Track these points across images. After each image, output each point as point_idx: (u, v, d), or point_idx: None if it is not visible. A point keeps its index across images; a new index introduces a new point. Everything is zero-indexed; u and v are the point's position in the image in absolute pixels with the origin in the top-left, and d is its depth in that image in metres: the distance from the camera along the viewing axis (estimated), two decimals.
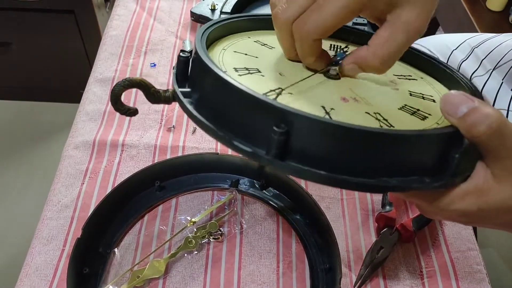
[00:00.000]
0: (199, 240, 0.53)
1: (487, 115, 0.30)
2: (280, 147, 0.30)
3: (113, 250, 0.51)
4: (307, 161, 0.31)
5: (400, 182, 0.31)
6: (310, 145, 0.30)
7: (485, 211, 0.32)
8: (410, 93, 0.39)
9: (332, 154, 0.30)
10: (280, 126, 0.29)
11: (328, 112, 0.34)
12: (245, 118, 0.32)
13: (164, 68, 0.74)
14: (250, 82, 0.36)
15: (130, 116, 0.37)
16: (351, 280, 0.51)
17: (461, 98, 0.31)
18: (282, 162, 0.31)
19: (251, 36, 0.44)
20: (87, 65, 1.44)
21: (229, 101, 0.33)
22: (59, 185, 0.57)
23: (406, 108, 0.36)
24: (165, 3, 0.86)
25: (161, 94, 0.36)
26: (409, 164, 0.32)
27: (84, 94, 0.70)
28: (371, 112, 0.35)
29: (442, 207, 0.33)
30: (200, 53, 0.36)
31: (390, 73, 0.42)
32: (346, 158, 0.30)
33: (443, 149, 0.32)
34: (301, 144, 0.30)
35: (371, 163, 0.31)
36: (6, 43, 1.42)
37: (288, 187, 0.57)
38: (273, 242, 0.54)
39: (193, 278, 0.50)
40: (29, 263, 0.50)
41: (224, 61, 0.39)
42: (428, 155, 0.32)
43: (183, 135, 0.64)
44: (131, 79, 0.35)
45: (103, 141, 0.62)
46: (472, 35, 0.84)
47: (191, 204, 0.57)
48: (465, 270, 0.53)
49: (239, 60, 0.40)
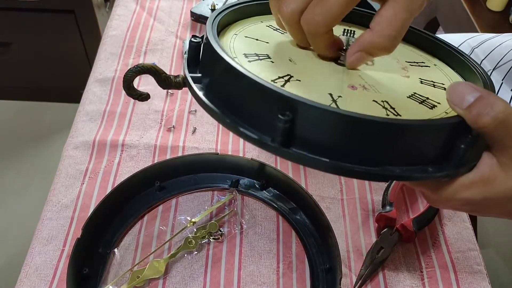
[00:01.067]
0: (199, 240, 0.53)
1: (493, 105, 0.30)
2: (285, 135, 0.30)
3: (113, 250, 0.51)
4: (312, 149, 0.31)
5: (404, 171, 0.31)
6: (314, 133, 0.30)
7: (491, 200, 0.32)
8: (421, 80, 0.39)
9: (337, 142, 0.30)
10: (285, 114, 0.29)
11: (335, 100, 0.33)
12: (252, 105, 0.32)
13: (164, 68, 0.74)
14: (259, 69, 0.36)
15: (142, 101, 0.38)
16: (351, 281, 0.51)
17: (467, 88, 0.31)
18: (287, 149, 0.31)
19: (264, 21, 0.44)
20: (87, 65, 1.44)
21: (236, 88, 0.33)
22: (59, 185, 0.57)
23: (415, 97, 0.36)
24: (165, 3, 0.86)
25: (172, 79, 0.37)
26: (414, 153, 0.31)
27: (84, 94, 0.70)
28: (379, 100, 0.34)
29: (446, 196, 0.33)
30: (210, 39, 0.36)
31: (402, 59, 0.42)
32: (350, 146, 0.30)
33: (448, 139, 0.31)
34: (306, 132, 0.30)
35: (375, 152, 0.30)
36: (6, 43, 1.42)
37: (288, 188, 0.57)
38: (273, 243, 0.54)
39: (193, 278, 0.50)
40: (29, 263, 0.50)
41: (234, 46, 0.39)
42: (432, 145, 0.32)
43: (183, 135, 0.64)
44: (143, 65, 0.35)
45: (103, 141, 0.62)
46: (472, 35, 0.84)
47: (191, 204, 0.57)
48: (465, 270, 0.53)
49: (250, 46, 0.39)
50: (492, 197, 0.32)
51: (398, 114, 0.33)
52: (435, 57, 0.44)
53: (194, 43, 0.37)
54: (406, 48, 0.45)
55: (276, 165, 0.61)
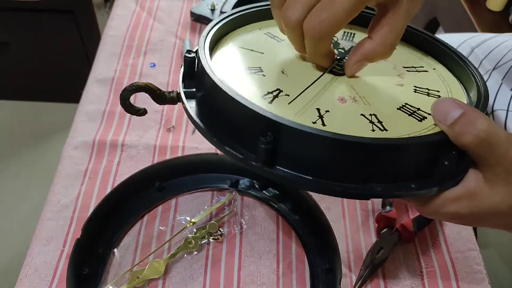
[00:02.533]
0: (199, 241, 0.52)
1: (475, 123, 0.30)
2: (268, 155, 0.30)
3: (112, 250, 0.51)
4: (295, 168, 0.31)
5: (385, 189, 0.31)
6: (297, 153, 0.31)
7: (478, 214, 0.32)
8: (415, 89, 0.39)
9: (318, 161, 0.31)
10: (266, 135, 0.30)
11: (321, 116, 0.33)
12: (237, 124, 0.32)
13: (164, 68, 0.74)
14: (250, 83, 0.36)
15: (140, 116, 0.38)
16: (351, 281, 0.51)
17: (451, 105, 0.31)
18: (270, 169, 0.31)
19: (262, 27, 0.44)
20: (87, 65, 1.44)
21: (223, 107, 0.33)
22: (58, 185, 0.57)
23: (405, 108, 0.36)
24: (165, 3, 0.86)
25: (166, 95, 0.38)
26: (396, 170, 0.31)
27: (84, 94, 0.70)
28: (367, 113, 0.34)
29: (432, 209, 0.33)
30: (200, 54, 0.36)
31: (400, 64, 0.41)
32: (332, 165, 0.31)
33: (432, 156, 0.31)
34: (289, 151, 0.31)
35: (356, 170, 0.31)
36: (5, 43, 1.42)
37: (288, 188, 0.57)
38: (273, 243, 0.54)
39: (193, 278, 0.50)
40: (29, 263, 0.50)
41: (231, 59, 0.39)
42: (415, 162, 0.31)
43: (183, 135, 0.64)
44: (137, 84, 0.36)
45: (102, 141, 0.62)
46: (472, 35, 0.84)
47: (191, 204, 0.57)
48: (465, 270, 0.53)
49: (244, 58, 0.39)
50: (478, 212, 0.32)
51: (385, 128, 0.33)
52: (436, 59, 0.43)
53: (189, 58, 0.37)
54: (407, 50, 0.44)
55: None
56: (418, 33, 0.44)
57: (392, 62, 0.42)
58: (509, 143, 0.30)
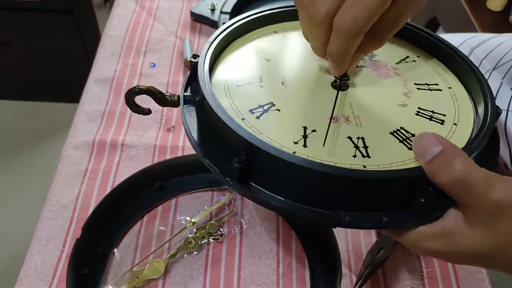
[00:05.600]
0: (199, 241, 0.52)
1: (451, 163, 0.28)
2: (240, 174, 0.31)
3: (112, 250, 0.51)
4: (267, 188, 0.31)
5: (353, 220, 0.30)
6: (268, 175, 0.31)
7: (456, 254, 0.30)
8: (418, 111, 0.37)
9: (289, 184, 0.30)
10: (239, 155, 0.30)
11: (306, 135, 0.33)
12: (218, 138, 0.33)
13: (164, 68, 0.74)
14: (245, 95, 0.36)
15: (145, 115, 0.40)
16: (351, 281, 0.51)
17: (432, 141, 0.30)
18: (242, 187, 0.31)
19: (278, 31, 0.43)
20: (87, 65, 1.44)
21: (208, 120, 0.34)
22: (58, 185, 0.57)
23: (399, 133, 0.34)
24: (165, 2, 0.86)
25: (168, 99, 0.39)
26: (368, 202, 0.30)
27: (84, 94, 0.70)
28: (355, 136, 0.33)
29: (409, 242, 0.31)
30: (199, 63, 0.36)
31: (411, 81, 0.39)
32: (301, 189, 0.30)
33: (407, 191, 0.30)
34: (261, 172, 0.31)
35: (324, 196, 0.30)
36: (5, 43, 1.42)
37: None
38: (273, 243, 0.54)
39: (193, 278, 0.50)
40: (29, 263, 0.50)
41: (233, 69, 0.39)
42: (388, 196, 0.30)
43: (183, 135, 0.64)
44: (140, 87, 0.38)
45: (102, 141, 0.62)
46: (472, 36, 0.84)
47: (191, 204, 0.57)
48: (465, 270, 0.53)
49: (249, 66, 0.39)
50: (456, 252, 0.30)
51: (368, 155, 0.32)
52: (456, 76, 0.41)
53: (194, 63, 0.37)
54: (430, 64, 0.42)
55: None
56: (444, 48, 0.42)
57: (404, 76, 0.40)
58: (488, 184, 0.28)
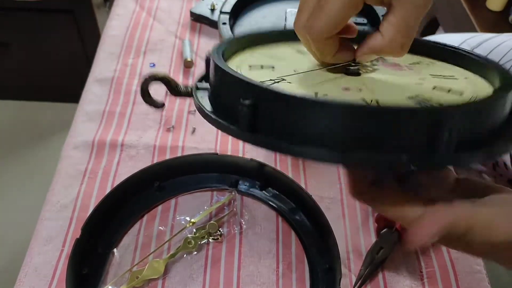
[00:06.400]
0: (199, 241, 0.52)
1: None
2: (248, 120, 0.30)
3: (112, 250, 0.51)
4: (275, 134, 0.30)
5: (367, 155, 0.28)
6: (276, 118, 0.30)
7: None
8: (434, 87, 0.36)
9: (296, 126, 0.30)
10: (246, 99, 0.30)
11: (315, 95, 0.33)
12: (226, 95, 0.33)
13: (164, 68, 0.74)
14: (255, 74, 0.36)
15: (158, 108, 0.41)
16: (351, 281, 0.51)
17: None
18: (250, 134, 0.31)
19: (293, 46, 0.44)
20: (86, 65, 1.43)
21: (218, 82, 0.34)
22: (58, 185, 0.57)
23: (416, 99, 0.33)
24: (165, 2, 0.86)
25: (181, 89, 0.40)
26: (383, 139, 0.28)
27: (83, 94, 0.70)
28: (368, 99, 0.33)
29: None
30: (214, 48, 0.37)
31: (427, 73, 0.39)
32: (306, 129, 0.29)
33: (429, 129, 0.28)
34: (269, 117, 0.30)
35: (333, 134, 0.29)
36: (5, 43, 1.42)
37: (288, 188, 0.57)
38: (273, 243, 0.54)
39: (193, 278, 0.50)
40: (28, 263, 0.50)
41: (244, 59, 0.39)
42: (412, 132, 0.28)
43: (183, 135, 0.64)
44: (157, 74, 0.39)
45: (102, 141, 0.62)
46: (472, 35, 0.84)
47: (191, 204, 0.57)
48: (465, 270, 0.53)
49: (261, 59, 0.40)
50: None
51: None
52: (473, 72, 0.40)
53: (207, 55, 0.38)
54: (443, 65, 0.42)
55: (275, 165, 0.61)
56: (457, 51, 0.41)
57: (419, 70, 0.40)
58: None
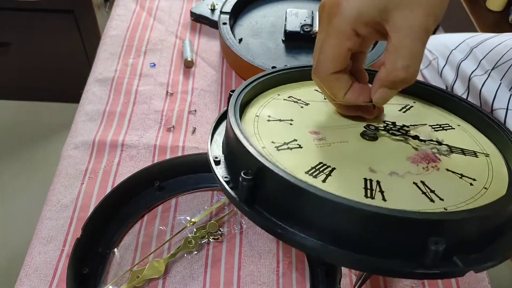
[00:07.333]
0: (199, 240, 0.53)
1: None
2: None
3: (112, 250, 0.51)
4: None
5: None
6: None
7: None
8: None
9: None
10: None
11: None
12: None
13: (164, 68, 0.74)
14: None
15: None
16: (351, 280, 0.51)
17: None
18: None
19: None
20: (87, 65, 1.44)
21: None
22: (58, 185, 0.57)
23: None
24: (165, 2, 0.86)
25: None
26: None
27: (84, 94, 0.70)
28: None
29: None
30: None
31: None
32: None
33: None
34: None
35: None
36: (5, 43, 1.42)
37: None
38: (273, 242, 0.54)
39: (193, 278, 0.50)
40: (29, 263, 0.50)
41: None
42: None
43: (183, 135, 0.64)
44: None
45: (102, 141, 0.62)
46: (471, 35, 0.84)
47: (191, 204, 0.57)
48: None
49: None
50: None
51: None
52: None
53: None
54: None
55: None
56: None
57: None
58: None
